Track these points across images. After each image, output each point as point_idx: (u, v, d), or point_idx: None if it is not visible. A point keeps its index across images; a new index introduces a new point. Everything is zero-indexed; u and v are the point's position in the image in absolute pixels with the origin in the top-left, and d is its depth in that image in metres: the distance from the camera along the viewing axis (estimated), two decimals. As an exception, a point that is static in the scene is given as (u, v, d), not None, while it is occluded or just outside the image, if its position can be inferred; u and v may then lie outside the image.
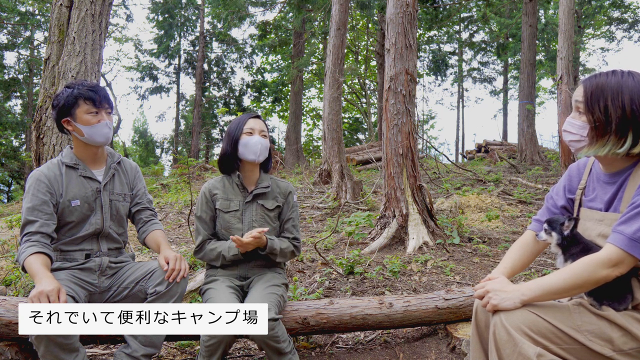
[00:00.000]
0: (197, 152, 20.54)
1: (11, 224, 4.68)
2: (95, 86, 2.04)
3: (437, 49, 22.68)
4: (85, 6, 3.26)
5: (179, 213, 6.61)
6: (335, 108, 7.88)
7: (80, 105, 1.99)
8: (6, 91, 18.68)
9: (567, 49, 7.33)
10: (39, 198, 1.94)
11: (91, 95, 1.99)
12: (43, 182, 1.97)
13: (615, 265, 1.31)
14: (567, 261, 1.49)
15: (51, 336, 1.70)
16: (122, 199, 2.16)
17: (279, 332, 1.88)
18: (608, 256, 1.31)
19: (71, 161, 2.06)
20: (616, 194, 1.45)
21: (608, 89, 1.36)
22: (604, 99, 1.36)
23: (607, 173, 1.50)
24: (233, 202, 2.22)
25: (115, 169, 2.17)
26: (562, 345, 1.31)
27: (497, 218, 5.71)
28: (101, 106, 2.03)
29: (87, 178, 2.07)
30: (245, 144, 2.17)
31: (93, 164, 2.12)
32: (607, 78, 1.39)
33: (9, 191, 21.37)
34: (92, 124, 2.00)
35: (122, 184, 2.18)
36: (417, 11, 4.66)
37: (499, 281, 1.48)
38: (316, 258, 3.89)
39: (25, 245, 1.88)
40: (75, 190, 2.02)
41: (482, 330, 1.54)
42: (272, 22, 15.65)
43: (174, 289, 1.97)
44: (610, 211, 1.46)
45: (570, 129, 1.46)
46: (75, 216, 2.02)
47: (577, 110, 1.45)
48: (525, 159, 11.75)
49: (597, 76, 1.42)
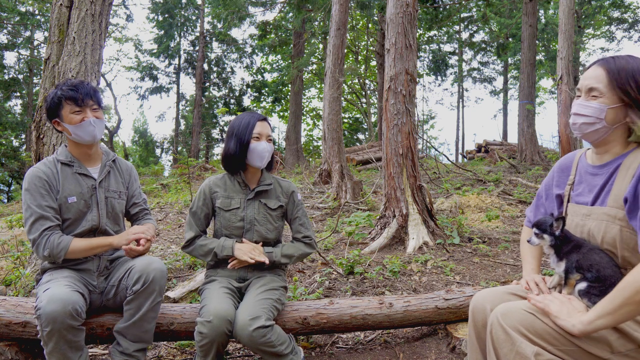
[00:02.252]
0: (197, 152, 20.53)
1: (11, 224, 4.68)
2: (77, 84, 2.02)
3: (437, 49, 22.67)
4: (85, 6, 3.26)
5: (179, 213, 6.60)
6: (335, 108, 7.87)
7: (64, 105, 1.99)
8: (6, 91, 18.69)
9: (567, 49, 7.33)
10: (43, 194, 1.96)
11: (72, 95, 1.98)
12: (43, 179, 1.98)
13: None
14: (560, 260, 1.50)
15: (62, 333, 1.72)
16: (117, 197, 2.16)
17: (272, 338, 1.87)
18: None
19: (66, 159, 2.07)
20: (604, 187, 1.44)
21: (636, 68, 1.35)
22: (633, 79, 1.34)
23: (595, 165, 1.49)
24: (234, 199, 2.21)
25: (110, 167, 2.18)
26: (559, 347, 1.31)
27: (497, 218, 5.71)
28: (84, 104, 2.01)
29: (82, 175, 2.08)
30: (253, 150, 2.16)
31: (88, 161, 2.12)
32: (627, 62, 1.37)
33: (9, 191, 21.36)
34: (76, 122, 2.00)
35: (118, 181, 2.19)
36: (417, 11, 4.66)
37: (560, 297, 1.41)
38: (316, 258, 3.89)
39: (56, 237, 1.93)
40: (71, 187, 2.03)
41: (480, 330, 1.54)
42: (272, 22, 15.65)
43: (150, 287, 1.94)
44: (597, 205, 1.45)
45: (582, 111, 1.41)
46: (72, 213, 2.02)
47: (589, 94, 1.41)
48: (525, 159, 11.74)
49: (616, 59, 1.39)
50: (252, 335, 1.81)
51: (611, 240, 1.39)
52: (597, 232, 1.43)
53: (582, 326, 1.27)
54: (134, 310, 1.95)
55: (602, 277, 1.37)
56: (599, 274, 1.38)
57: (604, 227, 1.41)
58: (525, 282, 1.62)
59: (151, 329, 2.02)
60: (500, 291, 1.59)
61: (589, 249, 1.44)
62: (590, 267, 1.41)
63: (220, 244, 2.15)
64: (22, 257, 3.50)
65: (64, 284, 1.84)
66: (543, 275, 1.66)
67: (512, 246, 4.45)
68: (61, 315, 1.70)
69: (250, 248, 2.14)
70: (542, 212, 1.72)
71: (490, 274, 3.63)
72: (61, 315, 1.70)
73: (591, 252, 1.43)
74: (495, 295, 1.55)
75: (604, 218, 1.41)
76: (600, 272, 1.38)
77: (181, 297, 2.88)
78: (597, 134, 1.42)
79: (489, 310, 1.49)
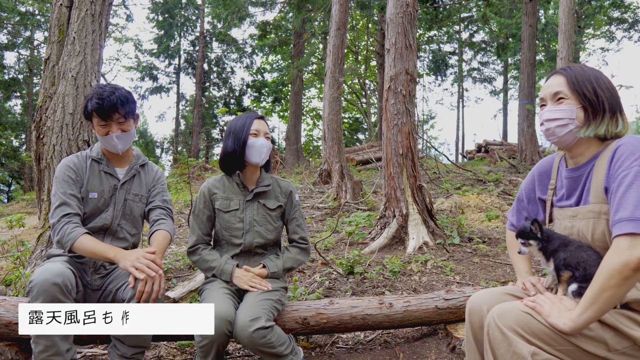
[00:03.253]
0: (197, 152, 20.54)
1: (11, 224, 4.68)
2: (105, 96, 2.00)
3: (437, 49, 22.68)
4: (85, 6, 3.26)
5: (179, 213, 6.60)
6: (335, 108, 7.88)
7: (94, 116, 2.05)
8: (6, 91, 18.70)
9: (567, 49, 7.33)
10: (70, 184, 2.03)
11: (97, 109, 2.01)
12: (72, 169, 2.06)
13: (631, 249, 1.23)
14: (549, 260, 1.51)
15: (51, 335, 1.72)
16: (138, 200, 2.18)
17: (272, 339, 1.87)
18: (618, 246, 1.25)
19: (97, 155, 2.14)
20: (584, 187, 1.47)
21: (590, 74, 1.45)
22: (589, 83, 1.44)
23: (571, 168, 1.52)
24: (233, 201, 2.21)
25: (137, 170, 2.21)
26: (556, 347, 1.31)
27: (497, 218, 5.71)
28: (109, 118, 2.02)
29: (107, 174, 2.13)
30: (251, 146, 2.16)
31: (117, 162, 2.18)
32: (583, 69, 1.47)
33: (9, 191, 21.37)
34: (102, 135, 2.06)
35: (142, 185, 2.21)
36: (417, 11, 4.66)
37: (552, 297, 1.43)
38: (316, 258, 3.89)
39: (71, 226, 1.94)
40: (95, 183, 2.09)
41: (477, 331, 1.55)
42: (272, 22, 15.66)
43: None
44: (581, 205, 1.48)
45: (554, 116, 1.47)
46: (90, 208, 2.07)
47: (555, 99, 1.47)
48: (525, 158, 11.75)
49: (571, 68, 1.49)
50: (252, 336, 1.81)
51: (601, 236, 1.41)
52: (586, 231, 1.44)
53: (572, 322, 1.29)
54: None
55: (588, 275, 1.37)
56: (585, 272, 1.39)
57: (592, 225, 1.42)
58: (521, 283, 1.63)
59: (149, 335, 2.01)
60: (497, 292, 1.60)
61: (577, 247, 1.45)
62: (577, 265, 1.42)
63: (220, 267, 2.14)
64: (22, 257, 3.50)
65: (59, 262, 1.88)
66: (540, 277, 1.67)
67: (512, 246, 4.44)
68: (52, 287, 1.71)
69: (250, 277, 2.13)
70: (525, 215, 1.74)
71: (490, 274, 3.63)
72: (52, 286, 1.71)
73: (578, 250, 1.44)
74: (491, 296, 1.56)
75: (590, 216, 1.43)
76: (587, 270, 1.39)
77: (181, 297, 2.88)
78: (572, 135, 1.46)
79: (485, 311, 1.50)
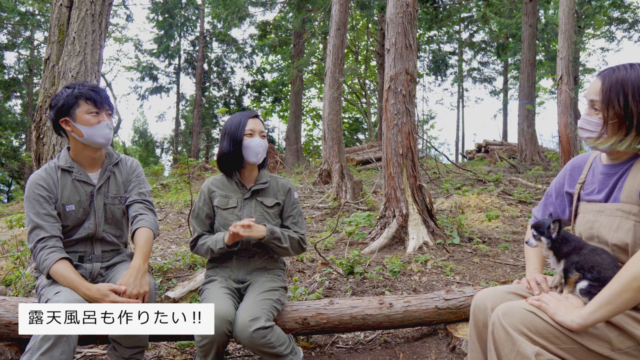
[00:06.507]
0: (197, 152, 20.53)
1: (11, 224, 4.68)
2: (97, 87, 2.03)
3: (437, 49, 22.66)
4: (85, 6, 3.26)
5: (179, 213, 6.60)
6: (335, 108, 7.87)
7: (80, 105, 1.96)
8: (6, 91, 18.68)
9: (567, 49, 7.33)
10: (42, 203, 1.93)
11: (92, 96, 1.97)
12: (41, 186, 1.96)
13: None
14: (559, 261, 1.50)
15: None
16: (118, 202, 2.11)
17: (272, 339, 1.87)
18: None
19: (66, 164, 2.03)
20: (616, 184, 1.45)
21: (629, 83, 1.35)
22: (624, 95, 1.35)
23: (607, 164, 1.50)
24: (231, 199, 2.22)
25: (111, 171, 2.11)
26: (560, 345, 1.31)
27: (497, 218, 5.71)
28: (102, 107, 2.00)
29: (81, 182, 2.03)
30: (247, 147, 2.16)
31: (90, 166, 2.07)
32: (627, 72, 1.37)
33: (9, 191, 21.36)
34: (92, 124, 1.97)
35: (119, 186, 2.13)
36: (417, 11, 4.66)
37: (557, 296, 1.42)
38: (316, 258, 3.89)
39: (46, 252, 1.86)
40: (69, 194, 2.00)
41: (481, 329, 1.54)
42: (272, 22, 15.66)
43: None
44: (610, 201, 1.46)
45: (586, 127, 1.45)
46: (70, 221, 2.00)
47: (593, 107, 1.43)
48: (525, 159, 11.75)
49: (616, 70, 1.39)
50: (252, 336, 1.81)
51: (622, 235, 1.39)
52: (608, 228, 1.43)
53: (581, 320, 1.28)
54: None
55: (602, 278, 1.37)
56: (599, 275, 1.38)
57: (617, 223, 1.41)
58: (526, 281, 1.62)
59: (146, 335, 2.01)
60: (502, 290, 1.58)
61: (590, 250, 1.44)
62: (591, 268, 1.40)
63: (214, 238, 2.13)
64: (22, 257, 3.50)
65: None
66: (545, 274, 1.66)
67: (512, 246, 4.45)
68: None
69: (245, 225, 2.03)
70: (551, 211, 1.71)
71: (490, 274, 3.63)
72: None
73: (592, 253, 1.42)
74: (496, 295, 1.55)
75: (618, 214, 1.41)
76: (602, 273, 1.38)
77: (181, 297, 2.88)
78: (602, 146, 1.44)
79: (490, 310, 1.49)
